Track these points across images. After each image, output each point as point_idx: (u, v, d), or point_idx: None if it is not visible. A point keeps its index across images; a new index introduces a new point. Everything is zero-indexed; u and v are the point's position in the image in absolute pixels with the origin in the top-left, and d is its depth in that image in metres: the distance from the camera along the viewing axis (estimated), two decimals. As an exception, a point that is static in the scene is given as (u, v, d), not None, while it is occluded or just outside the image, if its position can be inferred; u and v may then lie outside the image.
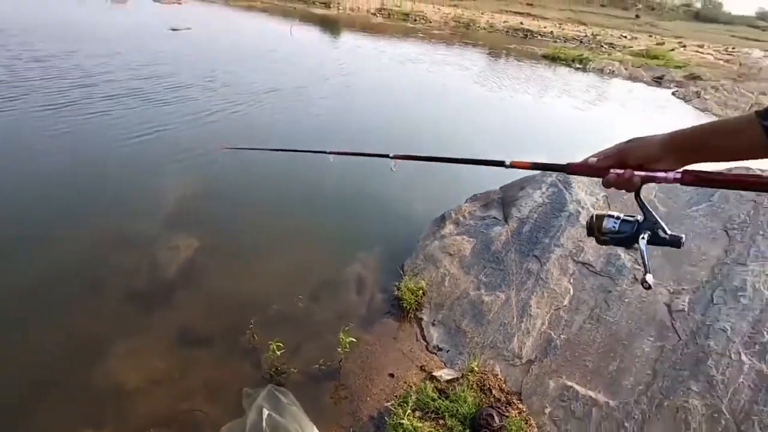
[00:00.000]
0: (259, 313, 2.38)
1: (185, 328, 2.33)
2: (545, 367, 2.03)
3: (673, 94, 11.99)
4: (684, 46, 26.98)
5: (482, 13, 37.47)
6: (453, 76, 10.68)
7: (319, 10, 27.07)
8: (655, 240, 0.74)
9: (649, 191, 2.69)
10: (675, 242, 0.75)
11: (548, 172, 3.20)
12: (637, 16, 42.76)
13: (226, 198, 3.68)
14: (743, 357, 1.72)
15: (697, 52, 24.54)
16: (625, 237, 0.75)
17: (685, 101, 11.16)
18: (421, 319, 2.52)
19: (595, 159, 0.78)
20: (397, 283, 2.70)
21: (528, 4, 45.97)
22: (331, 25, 19.57)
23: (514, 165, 0.92)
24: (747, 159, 0.74)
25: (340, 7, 30.82)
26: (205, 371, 2.09)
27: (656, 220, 0.76)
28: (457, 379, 2.03)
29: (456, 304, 2.53)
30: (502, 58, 16.22)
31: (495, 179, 3.67)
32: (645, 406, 1.73)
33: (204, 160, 4.20)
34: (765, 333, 1.76)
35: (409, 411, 1.79)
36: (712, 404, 1.64)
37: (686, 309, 1.98)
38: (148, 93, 5.83)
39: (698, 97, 11.15)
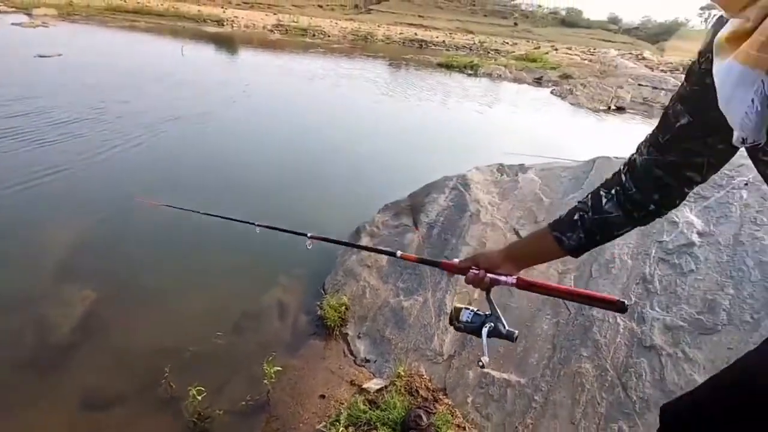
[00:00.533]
0: (174, 360, 2.23)
1: (89, 391, 2.11)
2: (464, 360, 2.19)
3: (552, 92, 13.51)
4: (556, 50, 30.55)
5: (378, 26, 38.82)
6: (362, 89, 10.94)
7: (212, 28, 26.01)
8: (495, 333, 0.98)
9: (533, 184, 3.03)
10: (509, 337, 0.98)
11: (450, 176, 3.48)
12: (516, 24, 47.47)
13: (126, 242, 3.39)
14: (618, 320, 2.02)
15: (566, 54, 27.95)
16: (475, 327, 0.99)
17: (562, 98, 12.65)
18: (347, 334, 2.56)
19: (458, 260, 1.04)
20: (319, 303, 2.71)
21: (419, 16, 48.63)
22: (227, 44, 18.92)
23: (403, 257, 1.23)
24: (553, 259, 1.00)
25: (234, 25, 29.87)
26: (117, 435, 1.91)
27: (499, 316, 0.99)
28: (386, 387, 2.10)
29: (378, 314, 2.61)
30: (403, 68, 16.99)
31: (403, 188, 3.84)
32: (549, 378, 1.95)
33: (99, 207, 3.83)
34: (631, 295, 2.08)
35: (341, 429, 1.81)
36: (600, 365, 1.90)
37: (572, 284, 2.26)
38: (27, 132, 5.15)
39: (571, 94, 12.70)
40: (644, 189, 0.84)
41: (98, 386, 2.13)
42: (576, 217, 0.91)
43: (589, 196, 0.92)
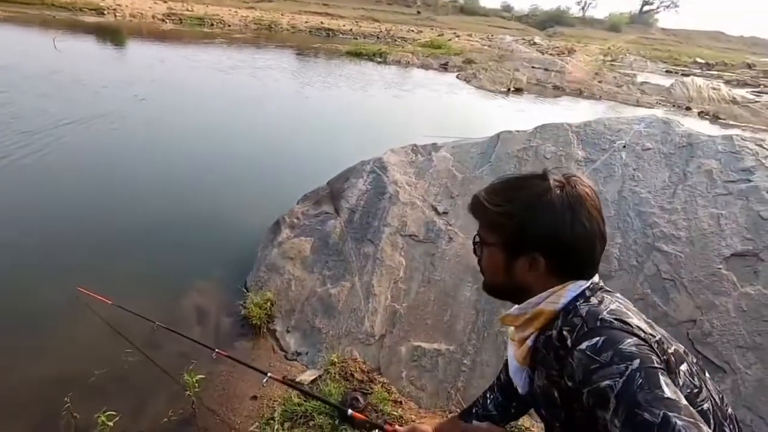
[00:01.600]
0: (76, 388, 1.96)
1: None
2: (395, 337, 2.22)
3: (457, 77, 14.15)
4: (458, 36, 31.94)
5: (282, 15, 37.37)
6: (272, 80, 10.44)
7: (91, 18, 23.09)
8: None
9: (446, 162, 3.14)
10: None
11: (367, 160, 3.47)
12: (419, 12, 48.76)
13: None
14: (530, 278, 2.18)
15: (468, 40, 29.38)
16: None
17: (467, 82, 13.31)
18: (275, 330, 2.46)
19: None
20: (242, 302, 2.57)
21: (324, 4, 47.73)
22: (112, 35, 16.92)
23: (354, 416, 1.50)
24: None
25: (117, 14, 26.84)
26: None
27: None
28: (321, 376, 2.06)
29: (306, 304, 2.54)
30: (311, 58, 16.58)
31: (322, 175, 3.76)
32: (475, 341, 2.05)
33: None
34: (540, 255, 2.26)
35: (277, 426, 1.74)
36: (518, 322, 2.04)
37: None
38: None
39: (475, 78, 13.42)
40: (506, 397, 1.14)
41: (-21, 434, 1.81)
42: (473, 410, 1.18)
43: (479, 398, 1.19)
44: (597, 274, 0.86)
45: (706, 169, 2.31)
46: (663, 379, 0.65)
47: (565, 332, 0.77)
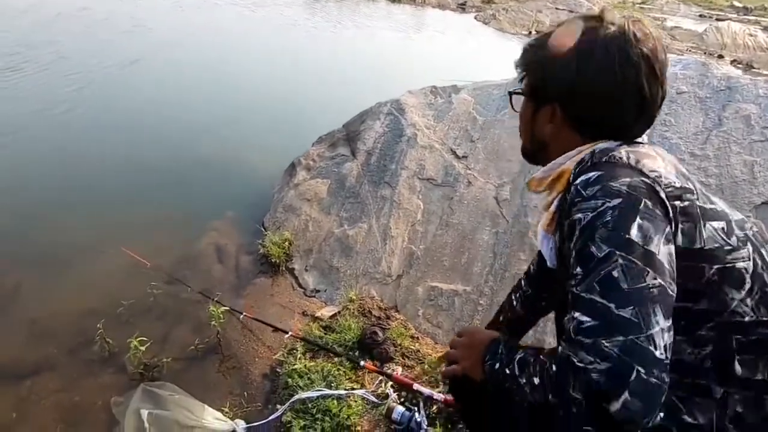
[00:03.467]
0: (107, 317, 2.04)
1: (6, 364, 1.89)
2: (412, 278, 2.25)
3: (475, 18, 13.35)
4: (478, -27, 29.71)
5: (290, -53, 34.92)
6: (279, 19, 9.93)
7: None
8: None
9: (467, 104, 3.02)
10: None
11: (384, 101, 3.36)
12: (436, -54, 45.14)
13: (25, 193, 2.95)
14: (551, 223, 2.16)
15: (488, -22, 27.40)
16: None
17: (485, 24, 12.58)
18: (293, 268, 2.51)
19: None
20: (260, 241, 2.60)
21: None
22: None
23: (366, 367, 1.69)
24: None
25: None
26: (53, 403, 1.76)
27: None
28: (339, 312, 2.12)
29: (324, 245, 2.57)
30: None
31: (337, 118, 3.66)
32: (492, 283, 2.08)
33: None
34: (562, 201, 2.23)
35: (299, 356, 1.82)
36: (536, 265, 2.05)
37: (509, 198, 2.36)
38: None
39: (494, 19, 12.66)
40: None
41: (18, 357, 1.92)
42: (500, 317, 1.22)
43: (503, 304, 1.23)
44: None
45: (743, 114, 2.19)
46: (638, 222, 0.61)
47: (573, 178, 0.72)
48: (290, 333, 1.92)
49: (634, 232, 0.60)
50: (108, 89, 4.78)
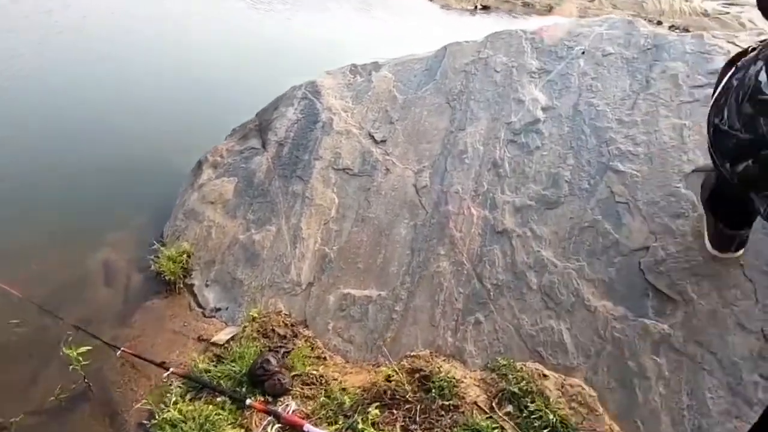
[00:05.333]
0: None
1: None
2: (324, 285, 1.97)
3: (421, -6, 12.97)
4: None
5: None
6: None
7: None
8: None
9: (387, 82, 2.72)
10: None
11: (299, 84, 3.01)
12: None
13: None
14: (473, 210, 1.92)
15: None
16: None
17: (431, 0, 12.24)
18: (192, 284, 2.17)
19: None
20: (152, 257, 2.24)
21: None
22: None
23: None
24: None
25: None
26: None
27: None
28: (237, 335, 1.81)
29: (227, 254, 2.24)
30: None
31: (255, 105, 3.26)
32: (408, 284, 1.82)
33: None
34: (484, 183, 1.99)
35: (176, 398, 1.50)
36: (456, 260, 1.81)
37: (428, 184, 2.10)
38: None
39: (440, -5, 12.32)
40: None
41: None
42: None
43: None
44: None
45: (671, 73, 2.00)
46: None
47: None
48: (171, 370, 1.60)
49: None
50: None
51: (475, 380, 1.49)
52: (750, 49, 1.06)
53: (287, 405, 1.41)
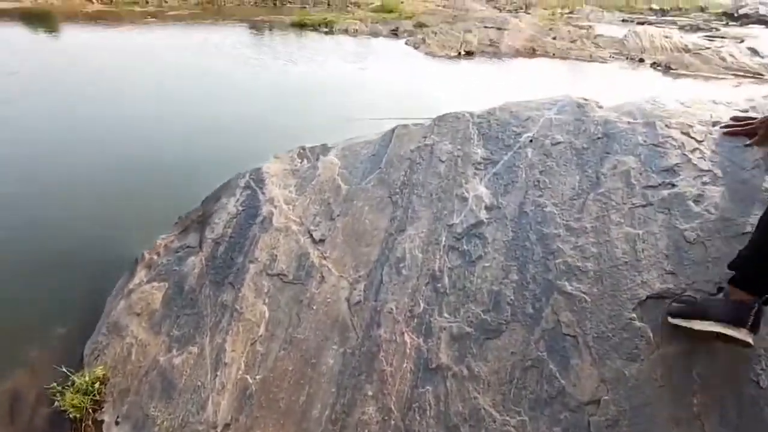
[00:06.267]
0: None
1: None
2: (241, 428, 1.70)
3: (406, 43, 13.28)
4: (413, -3, 30.37)
5: (225, -14, 34.89)
6: (191, 62, 9.36)
7: (8, 4, 20.74)
8: None
9: (332, 169, 2.56)
10: None
11: (243, 171, 2.85)
12: (372, -27, 46.21)
13: None
14: (406, 337, 1.68)
15: (423, 1, 28.02)
16: None
17: (415, 48, 12.49)
18: (102, 421, 1.91)
19: None
20: (61, 387, 1.99)
21: (271, -29, 44.81)
22: (43, 22, 15.15)
23: None
24: None
25: (38, -3, 24.39)
26: None
27: None
28: (129, 503, 1.54)
29: (144, 381, 1.99)
30: (248, 32, 15.27)
31: (210, 188, 3.07)
32: (330, 436, 1.56)
33: None
34: (420, 301, 1.76)
35: None
36: (384, 405, 1.55)
37: (362, 299, 1.87)
38: None
39: (424, 43, 12.60)
40: None
41: None
42: None
43: None
44: None
45: (623, 169, 1.81)
46: None
47: None
48: None
49: None
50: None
51: None
52: None
53: None
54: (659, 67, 10.61)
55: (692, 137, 1.78)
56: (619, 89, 8.91)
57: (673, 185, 1.66)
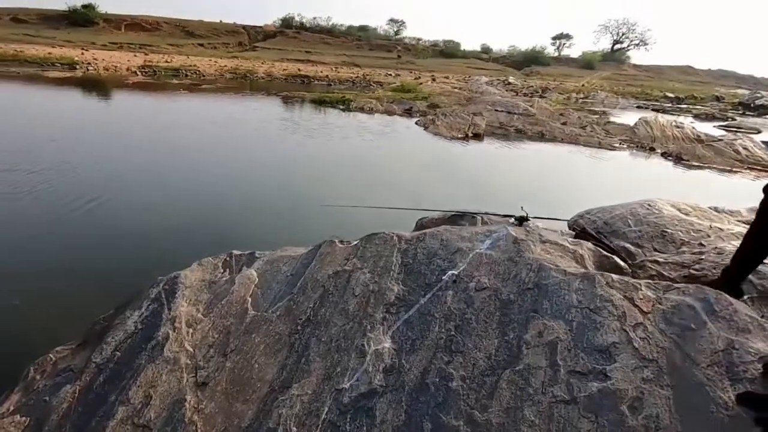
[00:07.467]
0: None
1: None
2: None
3: (416, 123, 13.66)
4: (434, 79, 32.24)
5: (262, 63, 38.06)
6: (206, 137, 9.71)
7: (57, 73, 22.97)
8: None
9: (247, 288, 2.25)
10: None
11: (160, 279, 2.59)
12: (399, 57, 49.83)
13: None
14: None
15: (444, 82, 29.56)
16: None
17: (424, 128, 12.78)
18: None
19: None
20: None
21: (306, 51, 48.91)
22: (91, 89, 16.52)
23: None
24: None
25: (91, 67, 26.99)
26: None
27: None
28: None
29: None
30: (270, 105, 16.12)
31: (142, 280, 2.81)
32: None
33: None
34: (273, 508, 1.33)
35: None
36: None
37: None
38: None
39: (433, 123, 12.89)
40: None
41: None
42: None
43: None
44: None
45: (549, 339, 1.43)
46: None
47: None
48: None
49: None
50: None
51: None
52: None
53: None
54: (670, 157, 10.34)
55: (636, 305, 1.41)
56: (621, 179, 8.61)
57: (606, 376, 1.26)
